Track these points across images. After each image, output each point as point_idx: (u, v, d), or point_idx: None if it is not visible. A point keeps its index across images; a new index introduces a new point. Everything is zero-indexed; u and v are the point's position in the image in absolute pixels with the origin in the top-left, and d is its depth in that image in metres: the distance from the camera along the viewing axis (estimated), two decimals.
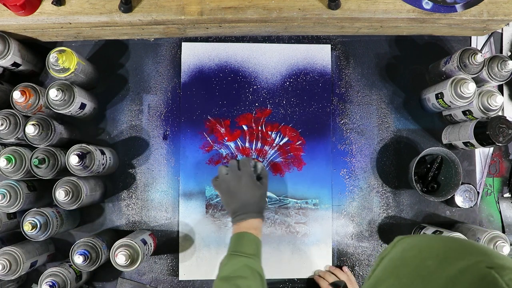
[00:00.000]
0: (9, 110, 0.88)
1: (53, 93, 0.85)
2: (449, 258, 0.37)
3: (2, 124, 0.86)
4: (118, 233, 1.01)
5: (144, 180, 1.03)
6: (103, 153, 0.92)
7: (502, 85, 1.07)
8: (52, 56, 0.85)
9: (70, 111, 0.89)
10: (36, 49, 1.00)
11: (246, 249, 0.80)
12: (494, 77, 0.94)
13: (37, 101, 0.89)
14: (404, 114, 1.06)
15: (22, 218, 0.87)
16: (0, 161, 0.85)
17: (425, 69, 1.07)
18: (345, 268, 1.01)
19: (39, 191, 0.93)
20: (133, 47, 1.05)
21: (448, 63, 0.95)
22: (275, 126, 1.04)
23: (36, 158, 0.86)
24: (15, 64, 0.93)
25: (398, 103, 1.07)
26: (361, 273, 1.03)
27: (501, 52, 1.08)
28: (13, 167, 0.87)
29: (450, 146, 1.04)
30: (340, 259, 1.03)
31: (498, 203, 1.06)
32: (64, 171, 0.89)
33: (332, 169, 1.04)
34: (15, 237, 0.96)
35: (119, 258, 0.84)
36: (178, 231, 1.02)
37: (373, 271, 0.43)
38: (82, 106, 0.92)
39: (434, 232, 0.94)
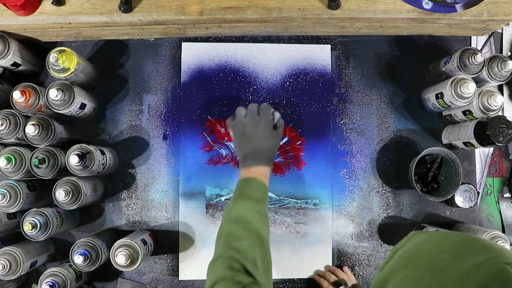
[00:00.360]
0: (9, 110, 0.88)
1: (53, 93, 0.85)
2: (465, 253, 0.37)
3: (2, 124, 0.86)
4: (118, 233, 1.01)
5: (144, 180, 1.03)
6: (103, 153, 0.92)
7: (502, 85, 1.07)
8: (52, 56, 0.85)
9: (70, 111, 0.89)
10: (36, 49, 1.00)
11: (255, 193, 0.78)
12: (494, 77, 0.94)
13: (37, 101, 0.89)
14: (404, 114, 1.06)
15: (22, 218, 0.87)
16: (0, 161, 0.85)
17: (425, 69, 1.07)
18: (345, 268, 1.01)
19: (39, 191, 0.93)
20: (133, 47, 1.05)
21: (448, 63, 0.95)
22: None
23: (36, 158, 0.86)
24: (15, 64, 0.93)
25: (398, 103, 1.07)
26: (361, 273, 1.03)
27: (501, 52, 1.08)
28: (13, 167, 0.87)
29: (450, 146, 1.04)
30: (340, 259, 1.03)
31: (498, 203, 1.06)
32: (64, 171, 0.89)
33: (332, 169, 1.04)
34: (15, 237, 0.96)
35: (119, 258, 0.84)
36: (178, 231, 1.02)
37: (387, 262, 0.44)
38: (82, 106, 0.92)
39: None
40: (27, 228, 0.84)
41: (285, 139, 1.04)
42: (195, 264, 1.01)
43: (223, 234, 0.73)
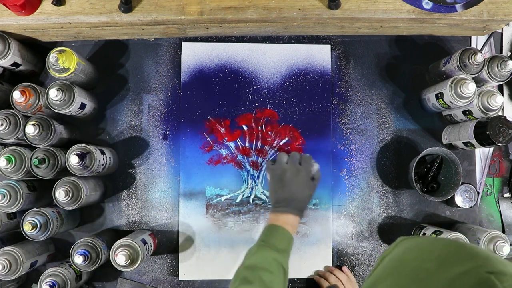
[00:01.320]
0: (9, 110, 0.88)
1: (53, 93, 0.85)
2: (448, 262, 0.37)
3: (2, 124, 0.86)
4: (118, 233, 1.01)
5: (144, 180, 1.03)
6: (103, 153, 0.92)
7: (502, 85, 1.07)
8: (52, 56, 0.85)
9: (70, 111, 0.89)
10: (36, 49, 1.00)
11: (278, 243, 0.78)
12: (494, 77, 0.94)
13: (37, 101, 0.89)
14: (404, 114, 1.06)
15: (22, 218, 0.87)
16: (0, 161, 0.85)
17: (425, 69, 1.07)
18: (345, 268, 1.01)
19: (39, 191, 0.93)
20: (133, 47, 1.05)
21: (448, 63, 0.95)
22: (275, 126, 1.05)
23: (36, 158, 0.86)
24: (15, 64, 0.93)
25: (398, 103, 1.07)
26: (361, 273, 1.03)
27: (501, 52, 1.08)
28: (13, 167, 0.87)
29: (450, 146, 1.04)
30: (340, 259, 1.03)
31: (498, 203, 1.06)
32: (64, 171, 0.89)
33: (332, 169, 1.04)
34: (15, 237, 0.96)
35: (119, 258, 0.84)
36: (178, 231, 1.02)
37: (374, 270, 0.43)
38: (82, 106, 0.92)
39: (434, 232, 0.94)
40: (27, 228, 0.84)
41: (285, 139, 1.04)
42: (195, 264, 1.01)
43: (239, 277, 0.74)
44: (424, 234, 0.96)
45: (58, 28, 0.94)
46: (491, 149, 1.07)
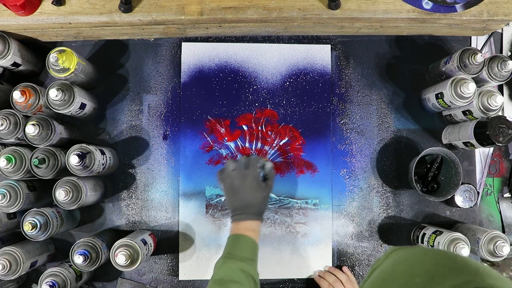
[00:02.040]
0: (9, 110, 0.88)
1: (53, 93, 0.85)
2: (438, 276, 0.36)
3: (2, 124, 0.86)
4: (118, 233, 1.01)
5: (144, 180, 1.03)
6: (103, 153, 0.92)
7: (502, 85, 1.07)
8: (52, 56, 0.85)
9: (70, 111, 0.89)
10: (36, 49, 1.00)
11: (241, 252, 0.79)
12: (494, 77, 0.94)
13: (37, 101, 0.89)
14: (404, 114, 1.06)
15: (22, 218, 0.87)
16: (0, 161, 0.85)
17: (425, 69, 1.07)
18: (345, 268, 1.01)
19: (39, 191, 0.93)
20: (133, 47, 1.05)
21: (448, 63, 0.95)
22: (275, 126, 1.05)
23: (36, 158, 0.86)
24: (15, 64, 0.93)
25: (398, 103, 1.07)
26: (361, 273, 1.03)
27: (501, 52, 1.08)
28: (13, 167, 0.87)
29: (450, 146, 1.04)
30: (340, 259, 1.03)
31: (498, 203, 1.06)
32: (64, 171, 0.89)
33: (332, 169, 1.04)
34: (15, 237, 0.96)
35: (119, 258, 0.84)
36: (178, 231, 1.02)
37: (365, 282, 0.43)
38: (82, 106, 0.92)
39: (434, 232, 0.94)
40: (27, 228, 0.84)
41: (285, 139, 1.04)
42: (195, 264, 1.01)
43: None
44: (424, 234, 0.96)
45: (58, 28, 0.94)
46: (491, 149, 1.07)
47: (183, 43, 1.05)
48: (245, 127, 1.04)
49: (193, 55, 1.05)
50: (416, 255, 0.42)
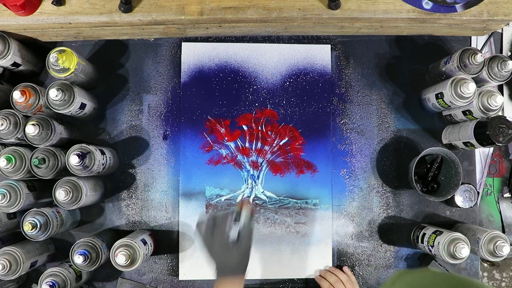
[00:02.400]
0: (9, 110, 0.88)
1: (53, 93, 0.85)
2: None
3: (2, 124, 0.86)
4: (118, 233, 1.01)
5: (144, 180, 1.03)
6: (103, 153, 0.92)
7: (502, 85, 1.07)
8: (52, 56, 0.85)
9: (70, 111, 0.89)
10: (36, 49, 1.00)
11: None
12: (494, 77, 0.94)
13: (37, 101, 0.89)
14: (404, 114, 1.06)
15: (22, 218, 0.87)
16: (0, 161, 0.85)
17: (425, 69, 1.07)
18: (345, 268, 1.01)
19: (39, 191, 0.93)
20: (133, 47, 1.05)
21: (448, 63, 0.95)
22: (275, 126, 1.05)
23: (36, 158, 0.86)
24: (15, 64, 0.93)
25: (398, 103, 1.07)
26: (361, 273, 1.03)
27: (501, 52, 1.08)
28: (13, 167, 0.87)
29: (450, 146, 1.04)
30: (340, 259, 1.03)
31: (498, 203, 1.06)
32: (64, 171, 0.89)
33: (332, 169, 1.04)
34: (15, 237, 0.96)
35: (119, 258, 0.84)
36: (178, 231, 1.02)
37: None
38: (82, 106, 0.92)
39: (434, 232, 0.94)
40: (27, 228, 0.84)
41: (285, 139, 1.04)
42: (195, 264, 1.01)
43: None
44: (424, 234, 0.96)
45: (58, 28, 0.94)
46: (491, 149, 1.07)
47: (183, 43, 1.05)
48: (245, 127, 1.04)
49: (193, 55, 1.05)
50: (425, 281, 0.41)
